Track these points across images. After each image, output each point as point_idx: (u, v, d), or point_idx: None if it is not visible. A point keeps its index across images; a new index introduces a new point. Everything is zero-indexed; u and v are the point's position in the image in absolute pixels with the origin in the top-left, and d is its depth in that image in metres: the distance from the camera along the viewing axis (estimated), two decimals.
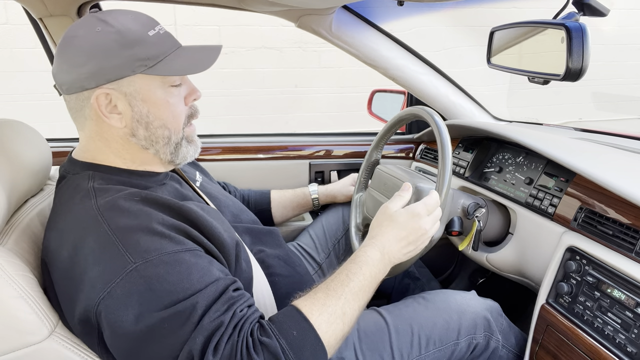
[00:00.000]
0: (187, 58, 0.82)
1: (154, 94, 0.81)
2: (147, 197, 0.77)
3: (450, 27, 4.08)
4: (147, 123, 0.82)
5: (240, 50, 3.81)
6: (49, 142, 1.00)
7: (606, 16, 0.92)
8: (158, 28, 0.82)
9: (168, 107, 0.83)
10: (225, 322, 0.68)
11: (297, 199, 1.42)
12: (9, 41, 3.36)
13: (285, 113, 4.05)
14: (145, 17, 0.83)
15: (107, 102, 0.79)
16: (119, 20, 0.79)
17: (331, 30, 1.34)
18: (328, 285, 0.79)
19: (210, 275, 0.72)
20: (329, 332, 0.72)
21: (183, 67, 0.81)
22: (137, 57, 0.78)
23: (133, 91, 0.80)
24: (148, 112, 0.82)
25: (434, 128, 1.01)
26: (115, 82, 0.79)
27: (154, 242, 0.70)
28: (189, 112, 0.88)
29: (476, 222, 1.12)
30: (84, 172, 0.83)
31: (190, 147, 0.90)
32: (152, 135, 0.84)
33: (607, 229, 0.91)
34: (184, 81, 0.87)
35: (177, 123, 0.85)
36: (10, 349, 0.72)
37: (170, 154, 0.87)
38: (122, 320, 0.67)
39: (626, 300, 0.83)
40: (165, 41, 0.82)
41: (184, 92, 0.87)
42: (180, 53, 0.83)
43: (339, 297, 0.76)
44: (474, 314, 1.03)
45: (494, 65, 1.12)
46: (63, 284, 0.75)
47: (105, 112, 0.80)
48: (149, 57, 0.79)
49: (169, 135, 0.85)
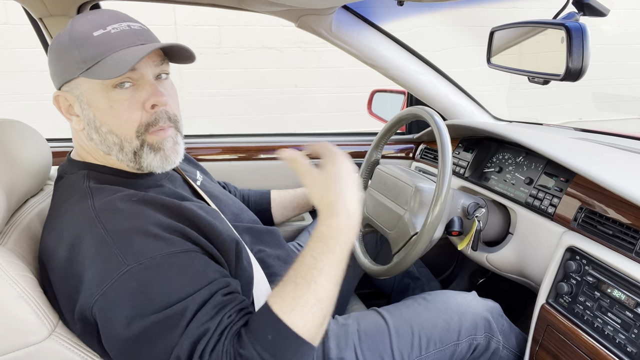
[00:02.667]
0: (121, 58, 0.74)
1: (96, 97, 0.78)
2: (145, 198, 0.77)
3: (450, 27, 4.08)
4: (96, 127, 0.79)
5: (240, 50, 3.81)
6: (49, 142, 1.00)
7: (606, 16, 0.92)
8: (111, 27, 0.76)
9: (112, 113, 0.77)
10: (211, 328, 0.67)
11: (297, 199, 1.42)
12: (9, 41, 3.36)
13: (285, 113, 4.05)
14: (105, 16, 0.78)
15: (67, 103, 0.80)
16: (76, 21, 0.78)
17: (331, 30, 1.34)
18: (296, 272, 0.72)
19: (204, 277, 0.71)
20: (307, 325, 0.69)
21: (111, 69, 0.73)
22: (77, 59, 0.75)
23: (80, 94, 0.79)
24: (94, 117, 0.79)
25: (434, 128, 1.01)
26: (67, 84, 0.79)
27: (149, 244, 0.70)
28: (150, 119, 0.79)
29: (476, 222, 1.12)
30: (80, 171, 0.83)
31: (156, 156, 0.81)
32: (104, 140, 0.80)
33: (607, 229, 0.91)
34: (141, 84, 0.79)
35: (125, 130, 0.78)
36: (10, 349, 0.72)
37: (129, 160, 0.81)
38: (114, 323, 0.67)
39: (626, 300, 0.83)
40: (113, 41, 0.75)
41: (142, 96, 0.78)
42: (122, 54, 0.75)
43: (308, 284, 0.70)
44: (475, 315, 1.03)
45: (494, 65, 1.12)
46: (61, 284, 0.75)
47: (66, 114, 0.80)
48: (86, 59, 0.75)
49: (119, 143, 0.79)
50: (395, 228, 1.09)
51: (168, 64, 0.84)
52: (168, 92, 0.83)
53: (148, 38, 0.80)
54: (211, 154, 1.59)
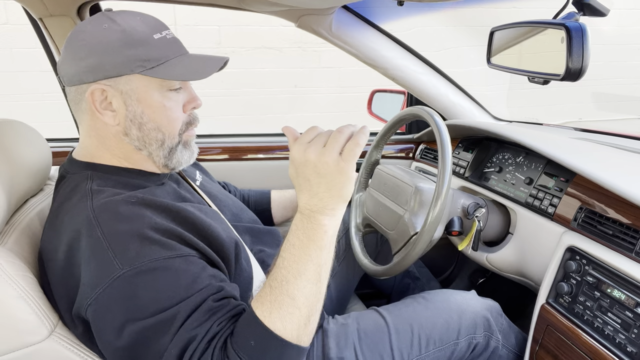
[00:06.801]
0: (188, 65, 0.82)
1: (150, 95, 0.81)
2: (144, 200, 0.77)
3: (450, 27, 4.08)
4: (140, 124, 0.82)
5: (240, 50, 3.81)
6: (49, 142, 1.00)
7: (606, 16, 0.92)
8: (165, 32, 0.82)
9: (163, 111, 0.83)
10: (199, 335, 0.66)
11: (297, 199, 1.42)
12: (9, 41, 3.36)
13: (285, 113, 4.05)
14: (154, 21, 0.83)
15: (102, 98, 0.80)
16: (127, 20, 0.80)
17: (331, 30, 1.34)
18: (270, 274, 0.72)
19: (199, 282, 0.71)
20: (287, 327, 0.68)
21: (181, 73, 0.80)
22: (138, 57, 0.78)
23: (129, 90, 0.80)
24: (142, 113, 0.82)
25: (434, 128, 1.01)
26: (113, 79, 0.79)
27: (144, 248, 0.70)
28: (188, 119, 0.87)
29: (476, 222, 1.12)
30: (83, 172, 0.83)
31: (186, 152, 0.89)
32: (145, 136, 0.83)
33: (607, 229, 0.91)
34: (185, 88, 0.86)
35: (171, 127, 0.84)
36: (10, 349, 0.72)
37: (164, 157, 0.86)
38: (106, 327, 0.68)
39: (626, 300, 0.83)
40: (170, 46, 0.82)
41: (184, 99, 0.86)
42: (182, 59, 0.83)
43: (280, 284, 0.70)
44: (474, 314, 1.03)
45: (494, 65, 1.12)
46: (59, 284, 0.75)
47: (99, 108, 0.80)
48: (150, 58, 0.79)
49: (162, 139, 0.84)
50: (395, 228, 1.09)
51: None
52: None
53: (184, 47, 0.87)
54: (211, 154, 1.59)
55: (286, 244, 0.73)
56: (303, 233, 0.72)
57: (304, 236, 0.72)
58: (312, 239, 0.72)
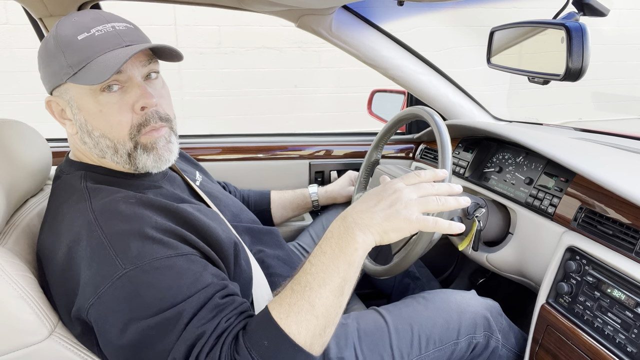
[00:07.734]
0: (109, 61, 0.73)
1: (85, 102, 0.77)
2: (142, 200, 0.77)
3: (450, 27, 4.08)
4: (88, 132, 0.79)
5: (240, 50, 3.81)
6: (49, 142, 1.01)
7: (606, 16, 0.92)
8: (96, 29, 0.75)
9: (101, 116, 0.77)
10: (207, 331, 0.66)
11: (297, 200, 1.42)
12: (9, 41, 3.36)
13: (285, 113, 4.05)
14: (89, 18, 0.76)
15: (59, 108, 0.80)
16: (61, 24, 0.76)
17: (331, 30, 1.34)
18: (293, 278, 0.72)
19: (201, 281, 0.71)
20: (302, 332, 0.67)
21: (97, 75, 0.72)
22: (64, 64, 0.75)
23: (69, 99, 0.78)
24: (86, 121, 0.78)
25: (434, 128, 1.01)
26: (56, 89, 0.78)
27: (146, 247, 0.70)
28: (140, 121, 0.78)
29: (476, 222, 1.12)
30: (77, 172, 0.83)
31: (149, 157, 0.81)
32: (97, 144, 0.80)
33: (607, 229, 0.91)
34: (130, 86, 0.78)
35: (116, 132, 0.78)
36: (10, 349, 0.72)
37: (125, 162, 0.81)
38: (110, 327, 0.67)
39: (626, 300, 0.83)
40: (97, 44, 0.74)
41: (131, 98, 0.77)
42: (108, 57, 0.73)
43: (303, 289, 0.69)
44: (474, 314, 1.03)
45: (494, 65, 1.12)
46: (58, 285, 0.75)
47: (59, 118, 0.80)
48: (72, 64, 0.74)
49: (112, 145, 0.79)
50: None
51: (157, 63, 0.83)
52: (158, 91, 0.82)
53: (134, 38, 0.78)
54: (211, 154, 1.59)
55: (317, 251, 0.72)
56: (336, 243, 0.71)
57: (337, 246, 0.71)
58: (344, 251, 0.71)
